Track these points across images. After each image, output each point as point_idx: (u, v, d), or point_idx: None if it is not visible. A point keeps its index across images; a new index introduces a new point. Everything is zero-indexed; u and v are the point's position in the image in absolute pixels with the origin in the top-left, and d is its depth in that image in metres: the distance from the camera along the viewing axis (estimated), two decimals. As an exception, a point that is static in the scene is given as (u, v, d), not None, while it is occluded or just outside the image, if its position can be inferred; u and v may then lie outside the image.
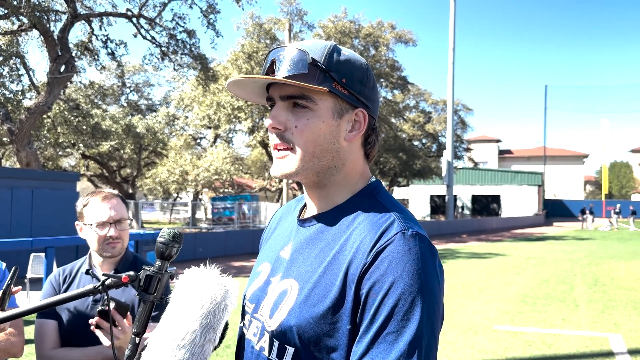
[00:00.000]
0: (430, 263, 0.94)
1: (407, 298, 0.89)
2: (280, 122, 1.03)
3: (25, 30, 14.42)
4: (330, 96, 1.02)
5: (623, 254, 17.02)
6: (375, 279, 0.92)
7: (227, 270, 1.00)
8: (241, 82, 1.05)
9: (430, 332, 0.91)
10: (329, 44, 1.04)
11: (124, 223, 1.98)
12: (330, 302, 0.95)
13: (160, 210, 41.90)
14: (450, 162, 31.91)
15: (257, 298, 1.10)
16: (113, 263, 2.00)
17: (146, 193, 39.77)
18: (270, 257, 1.15)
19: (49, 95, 13.71)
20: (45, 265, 8.18)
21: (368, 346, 0.90)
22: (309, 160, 1.03)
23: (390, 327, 0.89)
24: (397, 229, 0.96)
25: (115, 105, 31.29)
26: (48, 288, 2.01)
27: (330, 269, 0.98)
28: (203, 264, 1.02)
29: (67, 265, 2.09)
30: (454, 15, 31.96)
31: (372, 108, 1.07)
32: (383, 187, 1.11)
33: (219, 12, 16.58)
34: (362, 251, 0.95)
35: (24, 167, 13.74)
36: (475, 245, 20.71)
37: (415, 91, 35.74)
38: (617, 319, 7.30)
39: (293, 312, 0.98)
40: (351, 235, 1.00)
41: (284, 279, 1.06)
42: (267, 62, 1.05)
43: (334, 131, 1.03)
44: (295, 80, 0.99)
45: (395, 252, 0.92)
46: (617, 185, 69.44)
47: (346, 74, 1.03)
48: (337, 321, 0.94)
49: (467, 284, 10.38)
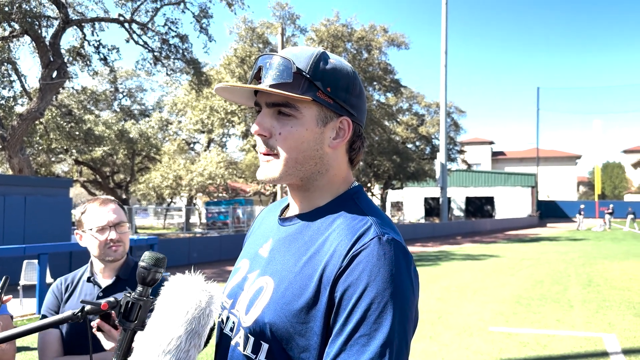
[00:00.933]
0: (404, 269, 0.96)
1: (379, 302, 0.91)
2: (265, 128, 1.05)
3: (17, 36, 14.35)
4: (315, 104, 1.04)
5: (617, 254, 17.11)
6: (349, 282, 0.94)
7: (222, 275, 1.00)
8: (229, 88, 1.08)
9: (402, 336, 0.92)
10: (316, 51, 1.06)
11: (124, 226, 1.98)
12: (304, 301, 0.97)
13: (154, 215, 41.76)
14: (444, 164, 32.00)
15: (234, 294, 1.12)
16: (114, 269, 2.00)
17: (140, 198, 39.59)
18: (250, 254, 1.18)
19: (41, 101, 13.65)
20: (38, 272, 8.13)
21: (341, 348, 0.91)
22: (292, 166, 1.05)
23: (362, 329, 0.91)
24: (373, 234, 0.98)
25: (108, 110, 31.19)
26: (51, 297, 2.02)
27: (305, 269, 1.00)
28: (193, 270, 1.03)
29: (69, 274, 2.10)
30: (445, 18, 32.10)
31: (357, 115, 1.10)
32: (364, 192, 1.14)
33: (211, 16, 16.58)
34: (338, 254, 0.97)
35: (17, 174, 13.66)
36: (469, 247, 20.76)
37: (408, 94, 35.85)
38: (611, 319, 7.33)
39: (267, 309, 1.00)
40: (328, 237, 1.02)
41: (260, 276, 1.08)
42: (255, 68, 1.08)
43: (317, 138, 1.05)
44: (280, 89, 1.01)
45: (370, 257, 0.94)
46: (610, 186, 69.81)
47: (331, 83, 1.04)
48: (309, 321, 0.96)
49: (462, 286, 10.40)
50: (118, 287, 1.96)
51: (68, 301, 1.98)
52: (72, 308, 1.94)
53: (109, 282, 1.98)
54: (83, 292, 1.98)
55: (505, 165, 65.72)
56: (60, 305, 1.99)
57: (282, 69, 1.02)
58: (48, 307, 1.99)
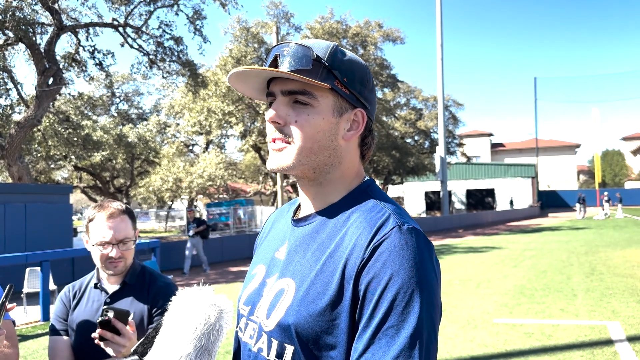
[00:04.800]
0: (427, 256, 0.94)
1: (405, 292, 0.89)
2: (281, 116, 1.04)
3: (11, 44, 14.32)
4: (332, 94, 1.04)
5: (619, 241, 17.12)
6: (373, 274, 0.92)
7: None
8: (243, 76, 1.05)
9: (430, 325, 0.91)
10: (332, 43, 1.06)
11: (128, 243, 1.95)
12: (328, 299, 0.95)
13: (155, 219, 41.76)
14: (443, 157, 31.98)
15: (252, 300, 1.10)
16: (120, 275, 2.00)
17: (140, 202, 39.62)
18: (265, 259, 1.16)
19: (38, 109, 13.63)
20: (41, 279, 8.14)
21: (369, 341, 0.89)
22: (306, 156, 1.03)
23: (390, 321, 0.89)
24: (392, 223, 0.96)
25: (105, 115, 31.15)
26: (59, 305, 2.02)
27: (327, 267, 0.98)
28: (196, 283, 1.01)
29: (77, 281, 2.10)
30: (440, 12, 32.06)
31: (370, 109, 1.09)
32: (377, 185, 1.12)
33: (205, 17, 16.54)
34: (359, 247, 0.95)
35: (16, 182, 13.65)
36: (471, 240, 20.77)
37: (406, 89, 35.80)
38: (615, 307, 7.34)
39: (291, 310, 0.98)
40: (347, 232, 1.00)
41: (280, 278, 1.06)
42: (269, 57, 1.06)
43: (333, 129, 1.04)
44: (299, 76, 1.00)
45: (393, 247, 0.93)
46: (610, 174, 69.81)
47: (348, 74, 1.04)
48: (335, 318, 0.94)
49: (465, 279, 10.41)
50: (125, 292, 1.96)
51: (76, 308, 1.99)
52: (81, 315, 1.95)
53: (116, 288, 1.98)
54: (91, 299, 1.98)
55: (504, 157, 65.71)
56: (68, 313, 1.99)
57: (300, 55, 1.01)
58: (57, 316, 1.99)
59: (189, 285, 1.06)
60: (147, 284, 2.00)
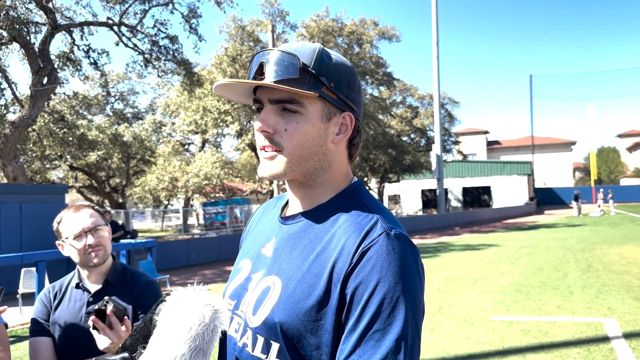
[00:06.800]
0: (412, 262, 0.97)
1: (392, 297, 0.92)
2: (270, 125, 1.03)
3: (5, 43, 14.25)
4: (320, 100, 1.03)
5: (615, 238, 17.18)
6: (361, 278, 0.94)
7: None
8: (229, 85, 1.05)
9: (414, 329, 0.93)
10: (317, 47, 1.05)
11: (101, 230, 1.94)
12: (315, 299, 0.96)
13: (151, 218, 41.68)
14: (440, 155, 32.03)
15: (238, 294, 1.11)
16: (101, 274, 1.98)
17: (136, 202, 39.50)
18: (251, 254, 1.17)
19: (33, 108, 13.57)
20: (37, 279, 8.11)
21: (355, 344, 0.91)
22: (296, 163, 1.04)
23: (376, 325, 0.91)
24: (380, 229, 0.98)
25: (100, 114, 31.06)
26: (39, 306, 2.00)
27: (314, 267, 0.99)
28: (192, 283, 1.00)
29: (57, 282, 2.07)
30: (436, 9, 32.07)
31: (357, 111, 1.10)
32: (365, 187, 1.14)
33: (200, 16, 16.52)
34: (347, 251, 0.97)
35: (11, 182, 13.60)
36: (468, 237, 20.81)
37: (402, 87, 35.85)
38: (611, 304, 7.36)
39: (277, 308, 0.99)
40: (335, 234, 1.02)
41: (266, 275, 1.07)
42: (253, 65, 1.05)
43: (322, 134, 1.05)
44: (285, 85, 0.99)
45: (380, 253, 0.95)
46: (606, 171, 70.01)
47: (335, 79, 1.04)
48: (320, 319, 0.96)
49: (462, 276, 10.42)
50: (107, 291, 1.93)
51: (58, 308, 1.96)
52: (63, 315, 1.93)
53: (98, 287, 1.95)
54: (72, 299, 1.96)
55: (500, 155, 65.85)
56: (49, 314, 1.96)
57: (287, 64, 1.01)
58: (37, 316, 1.97)
59: (185, 285, 1.05)
60: (130, 282, 1.99)
